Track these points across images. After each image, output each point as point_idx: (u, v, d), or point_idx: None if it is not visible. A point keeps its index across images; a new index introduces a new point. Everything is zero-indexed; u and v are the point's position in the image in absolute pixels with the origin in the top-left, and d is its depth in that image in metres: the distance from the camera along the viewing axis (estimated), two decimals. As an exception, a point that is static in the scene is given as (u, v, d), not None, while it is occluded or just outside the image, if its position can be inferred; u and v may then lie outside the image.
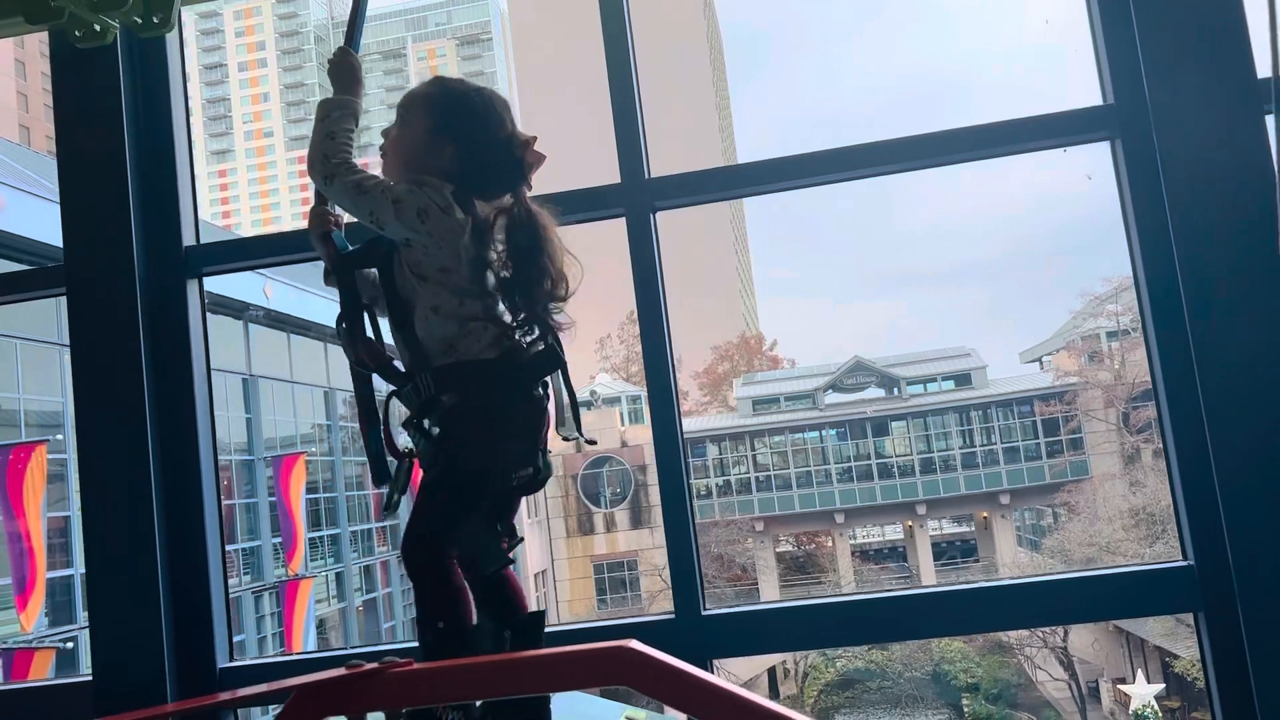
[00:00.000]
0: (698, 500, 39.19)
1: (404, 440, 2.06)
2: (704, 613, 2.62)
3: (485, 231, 1.96)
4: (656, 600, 34.52)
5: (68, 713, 2.72)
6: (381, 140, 2.09)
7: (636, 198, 2.71)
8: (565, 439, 2.05)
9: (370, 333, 1.98)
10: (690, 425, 42.33)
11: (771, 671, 33.15)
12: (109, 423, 2.66)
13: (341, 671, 1.20)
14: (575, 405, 2.03)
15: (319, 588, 24.28)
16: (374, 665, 1.20)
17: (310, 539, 23.87)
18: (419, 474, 2.04)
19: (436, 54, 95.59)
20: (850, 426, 38.91)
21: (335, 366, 26.32)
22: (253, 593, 22.03)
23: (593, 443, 2.03)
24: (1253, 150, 2.34)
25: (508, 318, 1.97)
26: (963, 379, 39.39)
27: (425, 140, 2.00)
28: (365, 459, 2.01)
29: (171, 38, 2.89)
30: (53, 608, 16.58)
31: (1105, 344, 37.29)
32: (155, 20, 2.21)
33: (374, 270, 1.99)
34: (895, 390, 39.71)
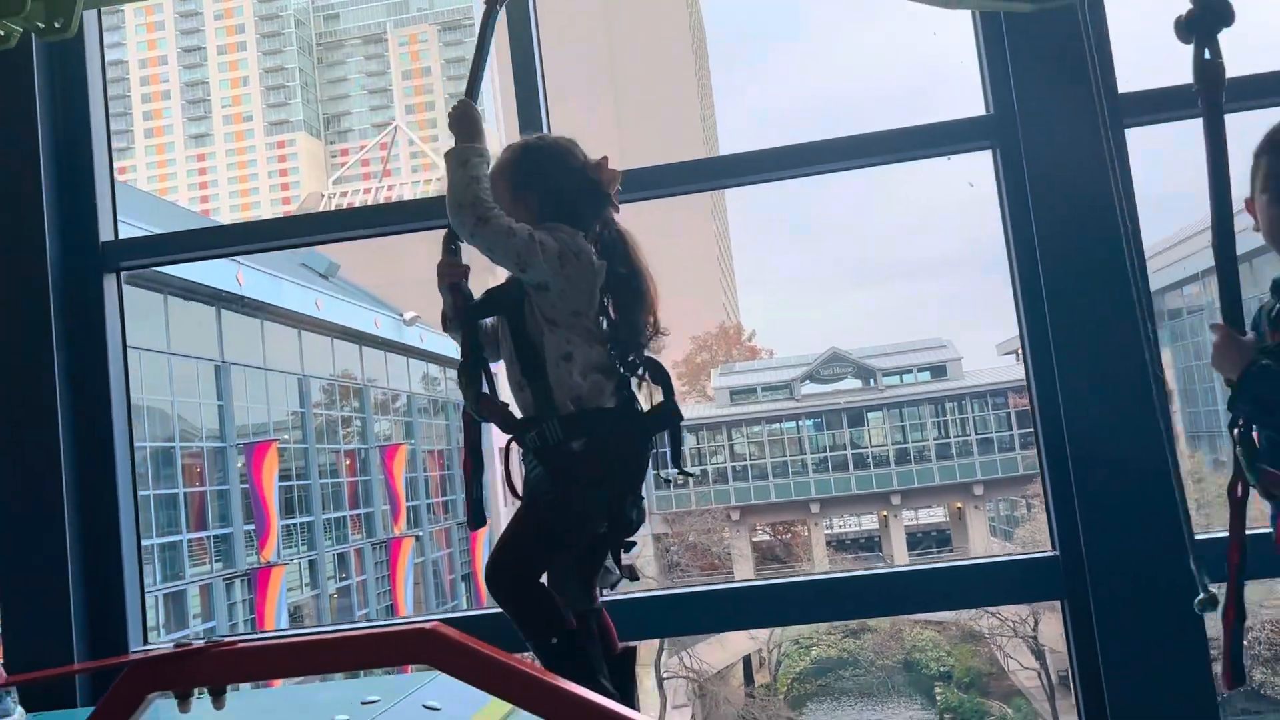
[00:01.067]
0: (675, 489, 39.39)
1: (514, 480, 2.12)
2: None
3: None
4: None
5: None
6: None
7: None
8: (668, 480, 2.16)
9: (485, 385, 2.06)
10: (668, 415, 42.52)
11: (747, 660, 33.41)
12: (19, 414, 2.73)
13: (170, 648, 1.30)
14: (679, 447, 2.09)
15: (292, 575, 24.30)
16: (201, 643, 1.29)
17: (284, 526, 23.87)
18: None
19: (418, 39, 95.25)
20: (827, 417, 39.17)
21: (309, 353, 26.31)
22: (224, 580, 22.03)
23: (692, 474, 2.06)
24: (1114, 161, 2.45)
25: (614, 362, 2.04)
26: (938, 370, 39.70)
27: (511, 202, 2.06)
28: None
29: (90, 38, 2.96)
30: None
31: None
32: (56, 25, 2.27)
33: (489, 320, 2.08)
34: (871, 381, 39.98)
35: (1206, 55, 1.82)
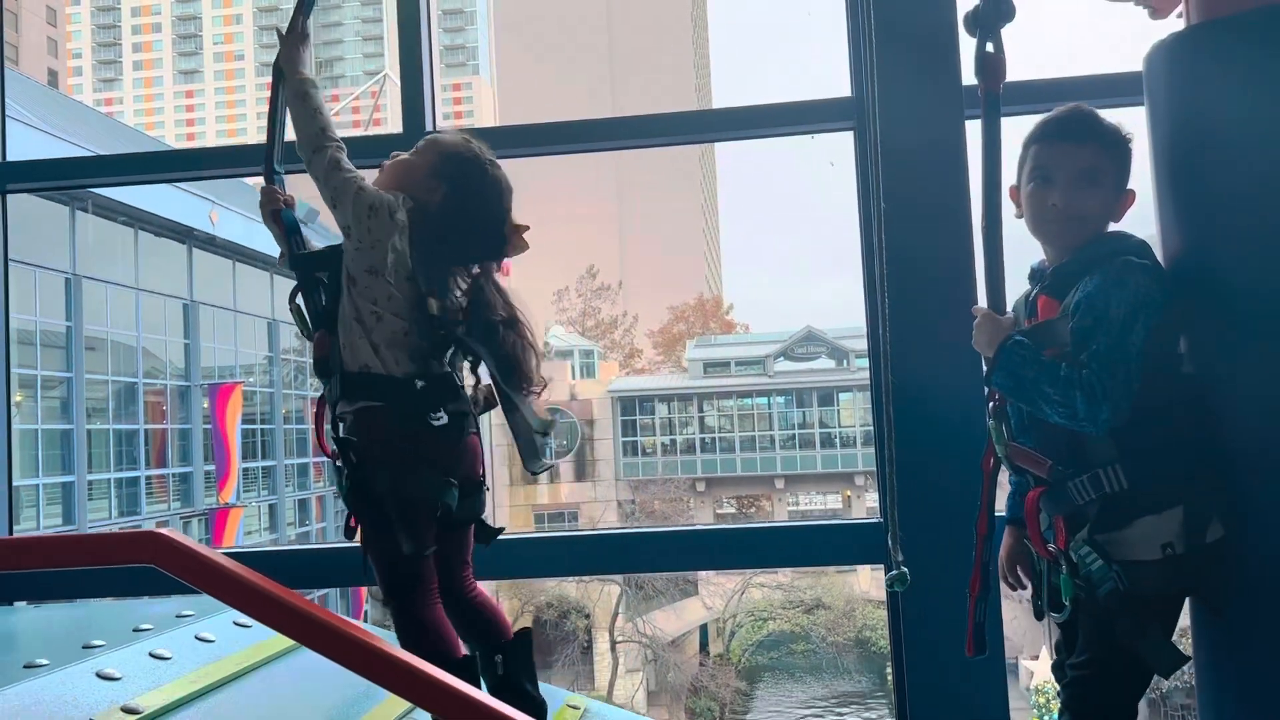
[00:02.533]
0: (643, 457, 39.63)
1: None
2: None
3: (445, 277, 2.07)
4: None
5: None
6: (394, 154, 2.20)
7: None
8: (534, 472, 2.16)
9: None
10: (642, 383, 42.63)
11: (703, 629, 33.77)
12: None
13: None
14: (529, 439, 2.09)
15: (251, 519, 24.37)
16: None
17: (245, 470, 23.87)
18: None
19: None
20: (798, 394, 39.41)
21: (281, 298, 26.21)
22: (181, 519, 22.08)
23: (550, 467, 2.06)
24: (954, 148, 2.55)
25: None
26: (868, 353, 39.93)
27: (423, 175, 2.11)
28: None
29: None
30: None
31: (1052, 330, 37.85)
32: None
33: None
34: (845, 362, 40.19)
35: (989, 49, 1.91)
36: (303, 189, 2.47)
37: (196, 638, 1.97)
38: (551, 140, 2.92)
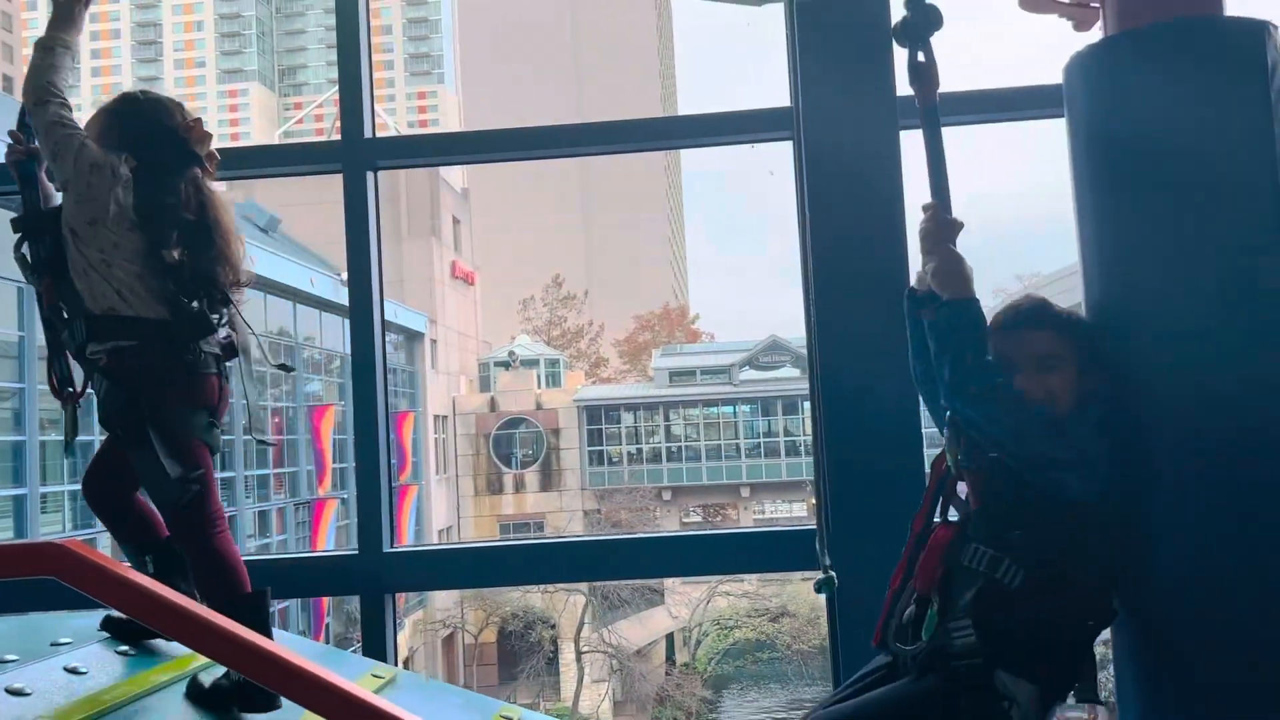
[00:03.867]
0: (609, 466, 39.63)
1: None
2: (385, 550, 2.81)
3: (161, 211, 2.16)
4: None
5: None
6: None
7: (356, 156, 2.84)
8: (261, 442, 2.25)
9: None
10: (608, 392, 42.61)
11: (669, 638, 33.74)
12: None
13: None
14: (250, 406, 2.28)
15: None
16: None
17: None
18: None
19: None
20: (763, 403, 39.56)
21: (272, 314, 25.92)
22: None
23: (264, 443, 2.14)
24: (887, 158, 2.57)
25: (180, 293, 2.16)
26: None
27: (102, 129, 2.24)
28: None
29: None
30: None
31: (1013, 339, 38.29)
32: None
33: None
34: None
35: (920, 58, 1.93)
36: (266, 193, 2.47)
37: (115, 652, 1.94)
38: (499, 147, 2.92)
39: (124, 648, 1.96)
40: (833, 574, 2.02)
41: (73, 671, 1.78)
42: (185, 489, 2.05)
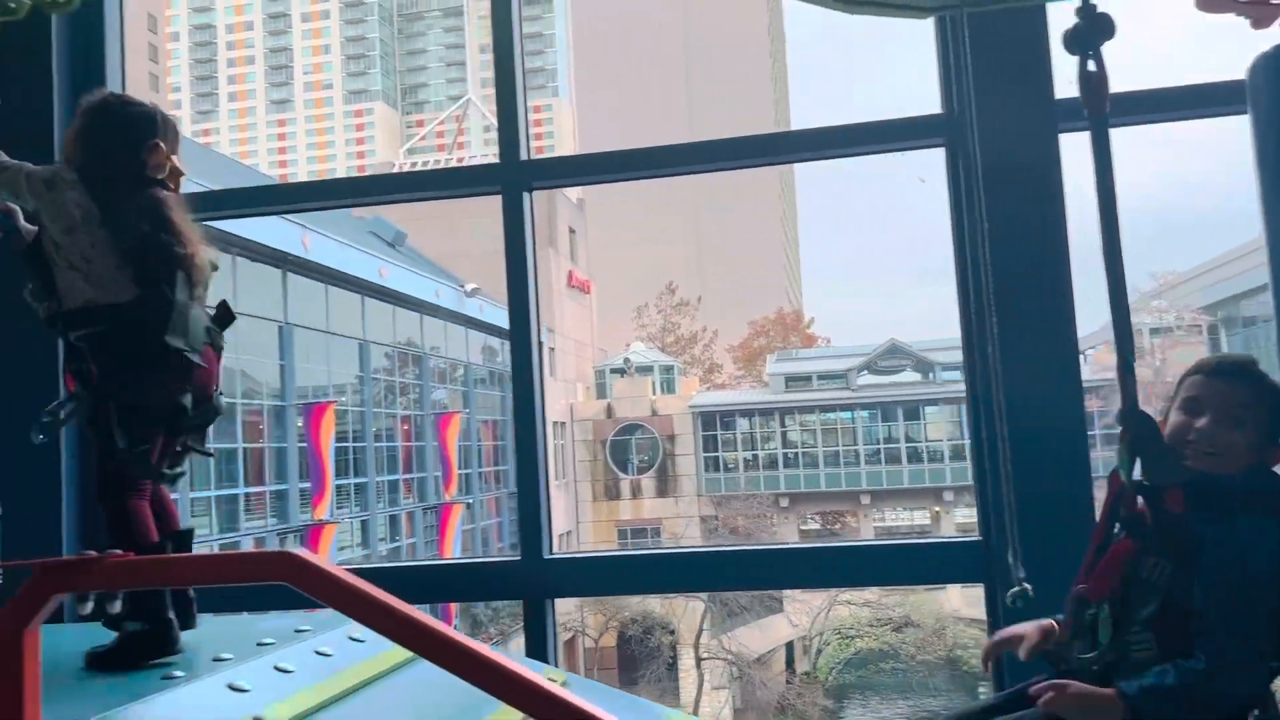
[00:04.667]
0: (725, 473, 39.49)
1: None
2: (546, 556, 2.89)
3: (121, 220, 2.31)
4: (675, 568, 34.67)
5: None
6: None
7: (513, 177, 2.94)
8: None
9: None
10: (723, 398, 42.49)
11: (789, 647, 33.41)
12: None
13: (74, 557, 1.50)
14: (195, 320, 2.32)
15: (344, 535, 24.95)
16: (96, 555, 1.49)
17: (338, 486, 24.44)
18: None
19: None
20: (883, 409, 38.81)
21: (371, 319, 26.88)
22: (278, 534, 22.70)
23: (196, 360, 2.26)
24: (1046, 162, 2.53)
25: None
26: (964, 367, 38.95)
27: (73, 136, 2.44)
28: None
29: (110, 8, 3.19)
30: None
31: (1148, 340, 36.66)
32: (60, 1, 2.50)
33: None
34: (930, 375, 39.47)
35: (1091, 67, 1.89)
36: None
37: (315, 652, 2.07)
38: (640, 165, 2.98)
39: (326, 649, 2.09)
40: (1027, 586, 2.00)
41: (282, 670, 1.91)
42: (132, 461, 2.23)
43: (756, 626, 31.72)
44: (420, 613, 1.49)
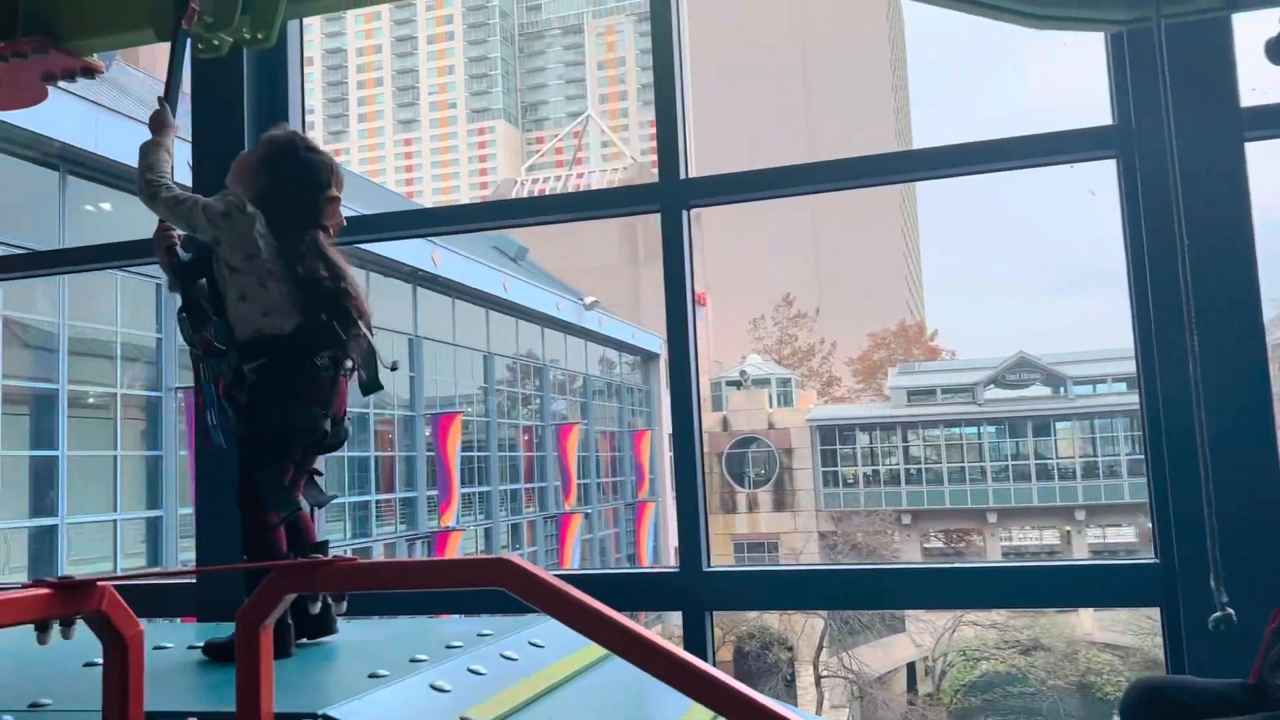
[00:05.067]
0: (844, 488, 38.83)
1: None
2: (705, 569, 2.93)
3: (294, 253, 2.44)
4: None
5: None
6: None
7: (672, 196, 3.00)
8: (366, 392, 2.49)
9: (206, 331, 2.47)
10: (842, 412, 41.84)
11: (910, 667, 32.64)
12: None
13: (306, 560, 1.61)
14: (373, 362, 2.46)
15: (469, 542, 25.55)
16: (329, 558, 1.59)
17: (463, 494, 25.03)
18: None
19: (615, 30, 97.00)
20: (1010, 424, 37.58)
21: (495, 332, 27.53)
22: (407, 540, 23.38)
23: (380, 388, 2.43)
24: (1231, 172, 2.44)
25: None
26: (1135, 381, 37.19)
27: (252, 167, 2.55)
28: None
29: (293, 47, 3.40)
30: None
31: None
32: (259, 36, 2.69)
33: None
34: (1061, 390, 38.03)
35: (1297, 75, 1.84)
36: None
37: (501, 655, 2.16)
38: (803, 181, 3.00)
39: (510, 653, 2.18)
40: (1230, 612, 1.94)
41: (475, 672, 2.00)
42: (292, 501, 2.39)
43: (878, 645, 31.09)
44: (628, 620, 1.55)
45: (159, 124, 2.54)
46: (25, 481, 15.00)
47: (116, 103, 15.05)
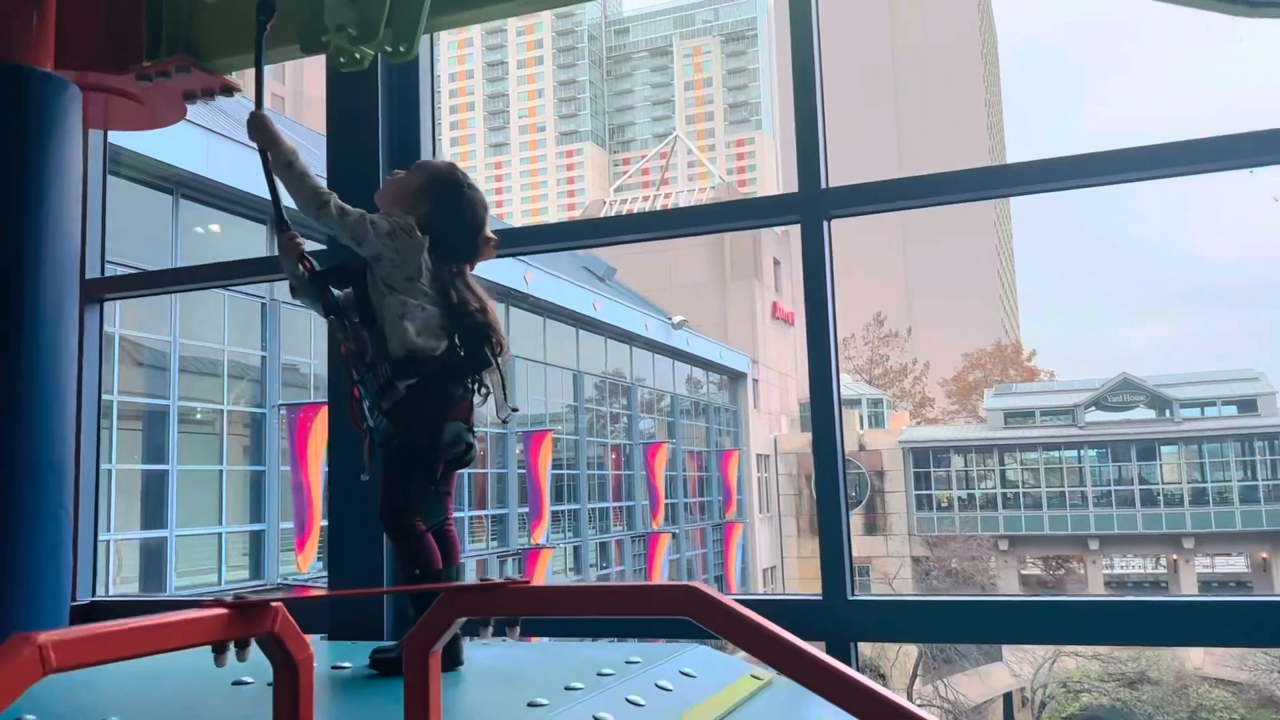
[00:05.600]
0: (938, 512, 37.89)
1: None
2: (850, 597, 2.79)
3: (448, 281, 2.48)
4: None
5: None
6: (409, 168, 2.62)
7: (813, 206, 2.89)
8: (503, 420, 2.58)
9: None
10: (935, 434, 40.92)
11: (1007, 698, 31.63)
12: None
13: (478, 581, 1.53)
14: (505, 388, 2.54)
15: (558, 559, 25.63)
16: (502, 580, 1.51)
17: (553, 512, 25.13)
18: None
19: (702, 51, 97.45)
20: (1113, 448, 36.28)
21: (584, 351, 27.67)
22: (498, 557, 23.56)
23: (514, 409, 2.49)
24: None
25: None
26: (1247, 405, 35.64)
27: (413, 193, 2.53)
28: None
29: (424, 64, 3.40)
30: (324, 552, 18.27)
31: None
32: (401, 49, 2.67)
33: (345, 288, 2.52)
34: (1167, 412, 36.58)
35: None
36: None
37: (655, 685, 2.06)
38: (958, 189, 2.85)
39: (664, 683, 2.08)
40: None
41: (633, 703, 1.91)
42: (442, 510, 2.45)
43: (975, 674, 30.20)
44: (821, 653, 1.44)
45: (271, 131, 2.50)
46: (138, 494, 15.51)
47: (226, 128, 15.55)
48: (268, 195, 2.46)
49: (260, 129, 2.48)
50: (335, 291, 2.50)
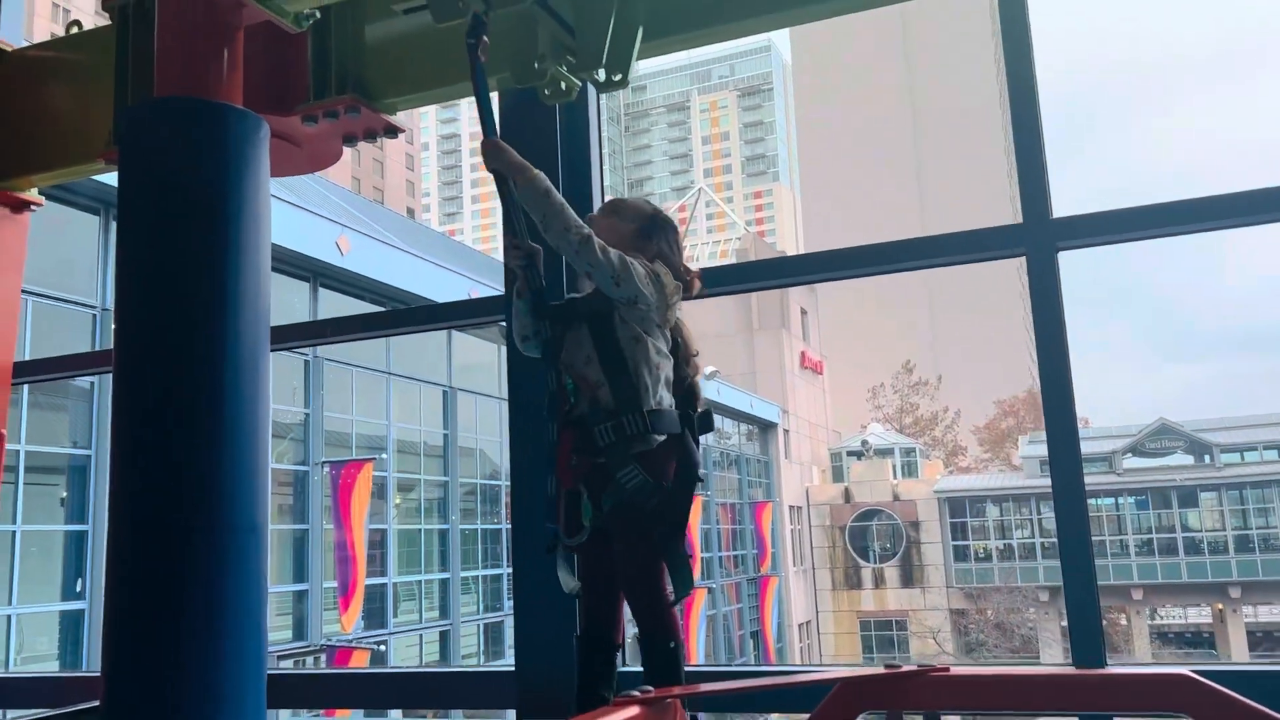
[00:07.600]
0: (977, 563, 37.17)
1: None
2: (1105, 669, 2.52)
3: (678, 328, 2.39)
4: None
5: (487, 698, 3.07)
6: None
7: (1040, 238, 2.69)
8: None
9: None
10: (971, 483, 40.32)
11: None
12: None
13: (882, 670, 1.29)
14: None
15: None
16: (914, 667, 1.28)
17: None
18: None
19: (719, 105, 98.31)
20: (1152, 495, 35.62)
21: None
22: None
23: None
24: None
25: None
26: (1300, 449, 34.97)
27: (634, 236, 2.37)
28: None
29: (592, 101, 3.24)
30: (368, 612, 17.99)
31: None
32: (615, 78, 2.49)
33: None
34: (1207, 458, 35.93)
35: None
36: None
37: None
38: (1188, 219, 2.64)
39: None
40: None
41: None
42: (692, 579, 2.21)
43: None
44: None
45: (512, 157, 2.30)
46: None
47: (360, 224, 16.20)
48: (500, 220, 2.31)
49: (499, 156, 2.29)
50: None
